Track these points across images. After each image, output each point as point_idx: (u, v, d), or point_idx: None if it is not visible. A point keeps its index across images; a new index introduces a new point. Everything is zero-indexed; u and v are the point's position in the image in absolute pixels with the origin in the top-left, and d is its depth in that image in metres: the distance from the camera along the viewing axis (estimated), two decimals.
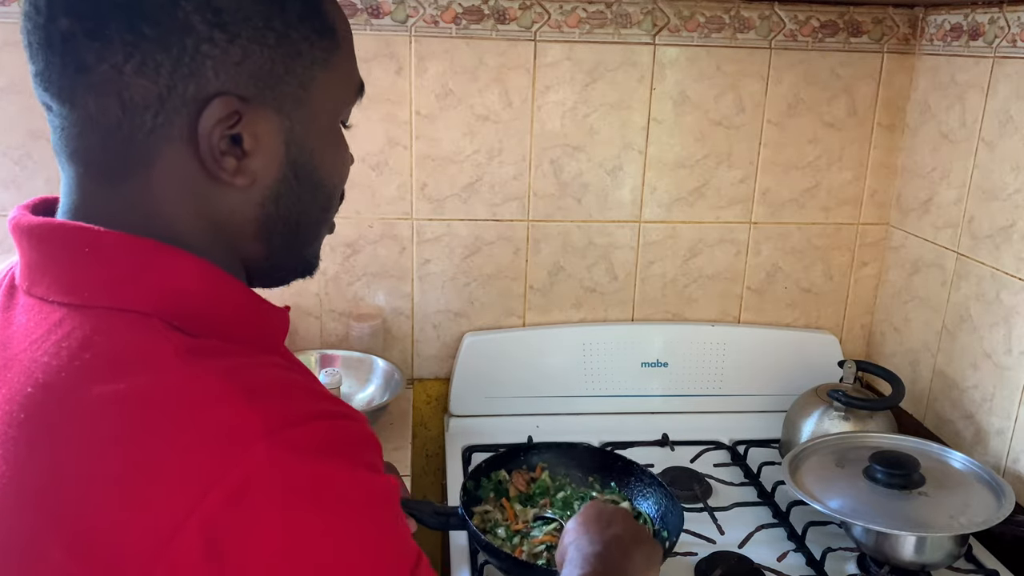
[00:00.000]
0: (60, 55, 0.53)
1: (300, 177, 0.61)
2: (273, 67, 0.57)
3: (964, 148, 1.47)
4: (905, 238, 1.65)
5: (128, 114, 0.54)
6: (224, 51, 0.54)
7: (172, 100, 0.54)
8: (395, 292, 1.64)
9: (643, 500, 1.30)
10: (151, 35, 0.52)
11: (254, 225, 0.61)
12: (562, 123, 1.57)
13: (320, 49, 0.60)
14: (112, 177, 0.57)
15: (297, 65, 0.58)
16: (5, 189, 1.49)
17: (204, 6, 0.53)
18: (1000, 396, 1.39)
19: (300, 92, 0.59)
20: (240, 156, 0.57)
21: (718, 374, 1.68)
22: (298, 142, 0.60)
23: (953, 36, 1.50)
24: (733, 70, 1.58)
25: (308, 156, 0.61)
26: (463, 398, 1.63)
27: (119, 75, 0.53)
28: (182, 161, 0.56)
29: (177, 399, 0.50)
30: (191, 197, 0.58)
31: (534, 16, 1.52)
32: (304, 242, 0.66)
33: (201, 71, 0.54)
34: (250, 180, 0.58)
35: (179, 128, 0.55)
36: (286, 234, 0.63)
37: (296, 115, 0.59)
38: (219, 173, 0.57)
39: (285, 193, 0.61)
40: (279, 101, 0.58)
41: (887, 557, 1.19)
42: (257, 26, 0.55)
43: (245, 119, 0.56)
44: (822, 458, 1.33)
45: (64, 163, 0.58)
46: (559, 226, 1.63)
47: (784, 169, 1.65)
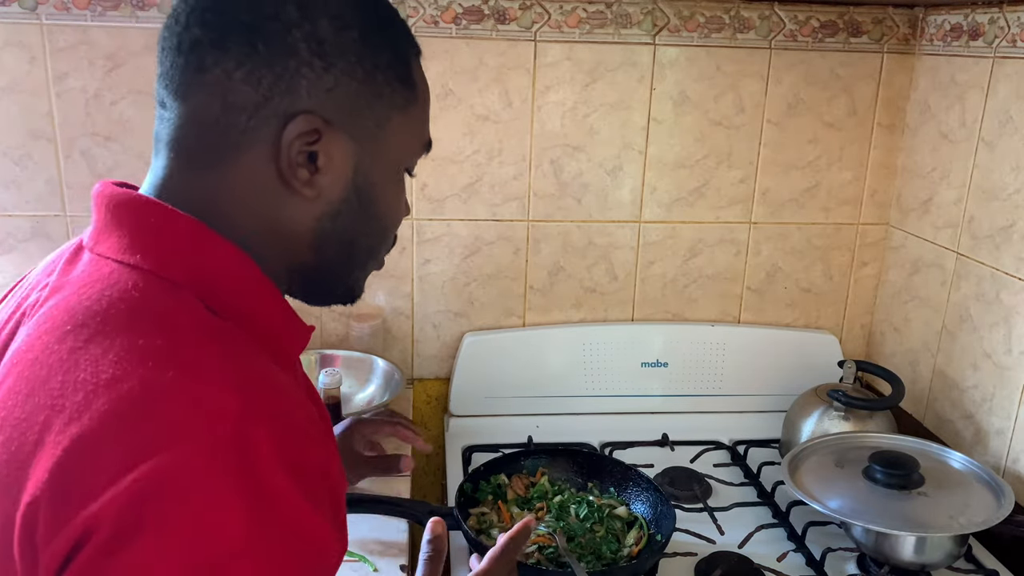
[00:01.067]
0: (186, 57, 0.62)
1: (361, 203, 0.68)
2: (357, 99, 0.65)
3: (964, 148, 1.47)
4: (905, 238, 1.65)
5: (227, 114, 0.62)
6: (319, 76, 0.62)
7: (266, 108, 0.62)
8: (395, 292, 1.64)
9: (638, 503, 1.30)
10: (262, 51, 0.61)
11: (310, 235, 0.67)
12: (562, 123, 1.57)
13: (400, 96, 0.67)
14: (199, 165, 0.64)
15: (378, 103, 0.66)
16: (5, 189, 1.49)
17: (311, 36, 0.62)
18: (1000, 396, 1.39)
19: (375, 128, 0.67)
20: (312, 170, 0.64)
21: (718, 374, 1.68)
22: (364, 171, 0.67)
23: (953, 36, 1.50)
24: (733, 70, 1.58)
25: (371, 187, 0.68)
26: (463, 398, 1.63)
27: (228, 79, 0.61)
28: (262, 163, 0.63)
29: (179, 362, 0.55)
30: (260, 196, 0.64)
31: (534, 16, 1.52)
32: (352, 265, 0.74)
33: (296, 89, 0.62)
34: (316, 193, 0.65)
35: (266, 134, 0.63)
36: (338, 251, 0.70)
37: (368, 147, 0.67)
38: (291, 180, 0.64)
39: (344, 213, 0.68)
40: (356, 130, 0.65)
41: (887, 557, 1.19)
42: (351, 61, 0.63)
43: (324, 139, 0.63)
44: (822, 458, 1.33)
45: (161, 151, 0.66)
46: (559, 226, 1.63)
47: (784, 169, 1.65)
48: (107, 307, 0.58)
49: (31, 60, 1.43)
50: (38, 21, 1.42)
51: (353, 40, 0.64)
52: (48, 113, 1.46)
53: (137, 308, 0.59)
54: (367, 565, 1.18)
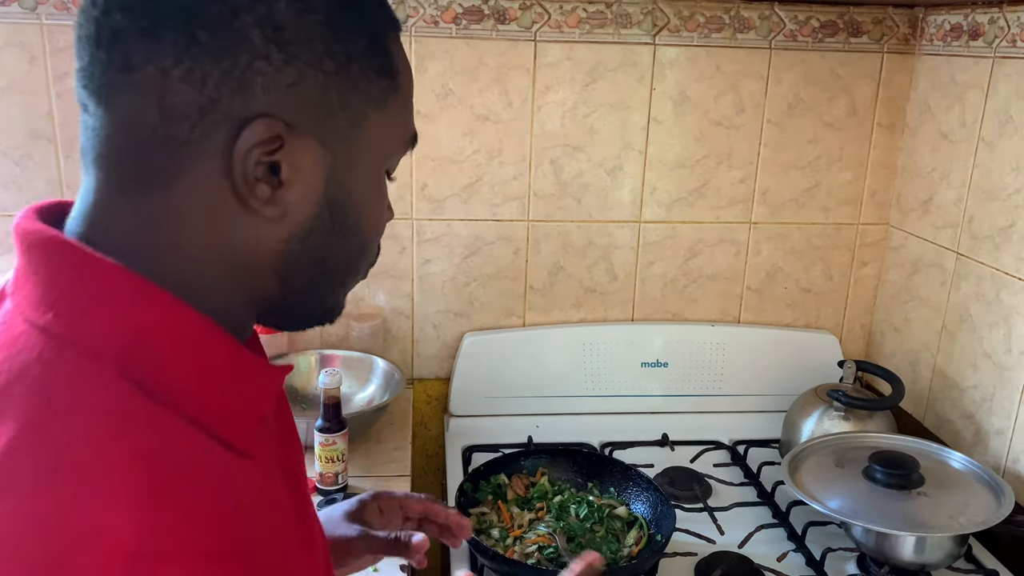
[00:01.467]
0: (107, 51, 0.51)
1: (335, 218, 0.57)
2: (326, 96, 0.53)
3: (964, 148, 1.47)
4: (905, 238, 1.65)
5: (165, 121, 0.50)
6: (278, 70, 0.51)
7: (214, 113, 0.50)
8: (395, 292, 1.64)
9: (638, 503, 1.31)
10: (205, 41, 0.49)
11: (275, 260, 0.56)
12: (562, 123, 1.57)
13: (378, 88, 0.57)
14: (133, 187, 0.52)
15: (352, 99, 0.55)
16: (5, 189, 1.49)
17: (265, 21, 0.50)
18: (1000, 396, 1.39)
19: (349, 129, 0.56)
20: (275, 185, 0.53)
21: (718, 374, 1.68)
22: (339, 181, 0.56)
23: (953, 36, 1.50)
24: (733, 70, 1.58)
25: (346, 198, 0.57)
26: (463, 398, 1.63)
27: (164, 78, 0.50)
28: (211, 180, 0.52)
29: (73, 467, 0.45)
30: (212, 220, 0.53)
31: (534, 16, 1.52)
32: (327, 288, 0.62)
33: (249, 87, 0.51)
34: (281, 212, 0.54)
35: (215, 144, 0.51)
36: (308, 276, 0.59)
37: (341, 152, 0.56)
38: (249, 199, 0.53)
39: (316, 232, 0.56)
40: (326, 133, 0.54)
41: (887, 557, 1.19)
42: (317, 51, 0.52)
43: (287, 146, 0.52)
44: (822, 458, 1.33)
45: (88, 166, 0.54)
46: (559, 226, 1.63)
47: (784, 169, 1.65)
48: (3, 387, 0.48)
49: (31, 60, 1.43)
50: (38, 21, 1.42)
51: (318, 24, 0.52)
52: (48, 113, 1.46)
53: (37, 391, 0.48)
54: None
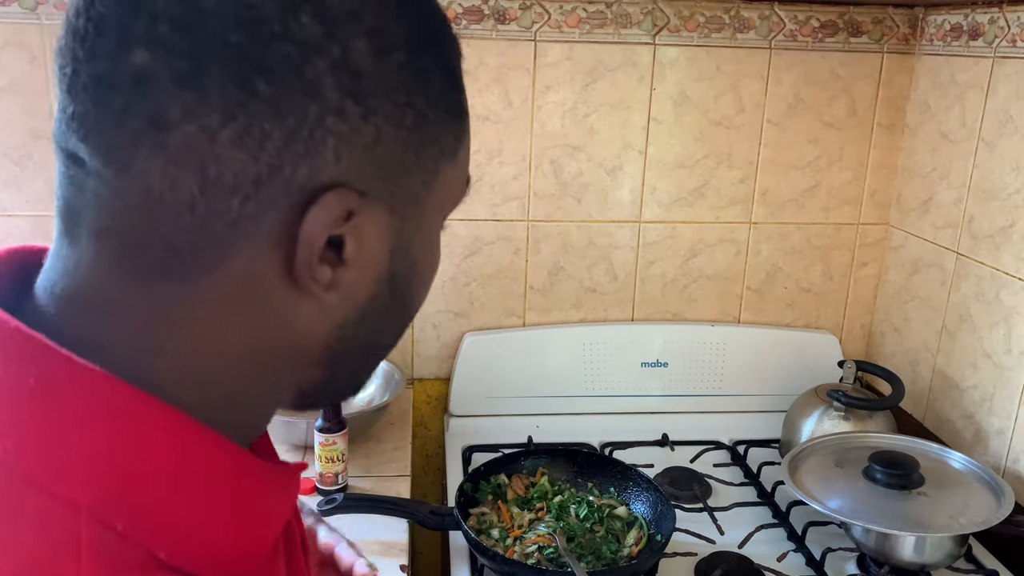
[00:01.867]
0: (126, 99, 0.37)
1: (394, 293, 0.47)
2: (404, 156, 0.43)
3: (964, 148, 1.47)
4: (905, 238, 1.65)
5: (207, 195, 0.38)
6: (354, 129, 0.40)
7: (273, 184, 0.39)
8: None
9: (638, 503, 1.31)
10: (265, 95, 0.38)
11: (323, 350, 0.46)
12: (562, 123, 1.57)
13: (452, 137, 0.46)
14: (151, 275, 0.40)
15: (427, 154, 0.44)
16: (5, 189, 1.49)
17: (340, 65, 0.39)
18: (1000, 396, 1.39)
19: (422, 189, 0.45)
20: (335, 264, 0.42)
21: (718, 374, 1.68)
22: (404, 251, 0.46)
23: (953, 36, 1.50)
24: (733, 70, 1.58)
25: (410, 268, 0.47)
26: (463, 398, 1.63)
27: (210, 142, 0.38)
28: (262, 265, 0.41)
29: None
30: (253, 311, 0.42)
31: (534, 16, 1.52)
32: (370, 368, 0.52)
33: (319, 152, 0.39)
34: (341, 296, 0.44)
35: (272, 223, 0.40)
36: (358, 359, 0.50)
37: (411, 216, 0.45)
38: (309, 285, 0.42)
39: (373, 313, 0.46)
40: (397, 200, 0.44)
41: (887, 557, 1.19)
42: (399, 101, 0.42)
43: (355, 219, 0.42)
44: (822, 458, 1.33)
45: (81, 237, 0.41)
46: (559, 226, 1.63)
47: (784, 169, 1.65)
48: None
49: (31, 60, 1.43)
50: (38, 21, 1.42)
51: (400, 66, 0.41)
52: (48, 113, 1.46)
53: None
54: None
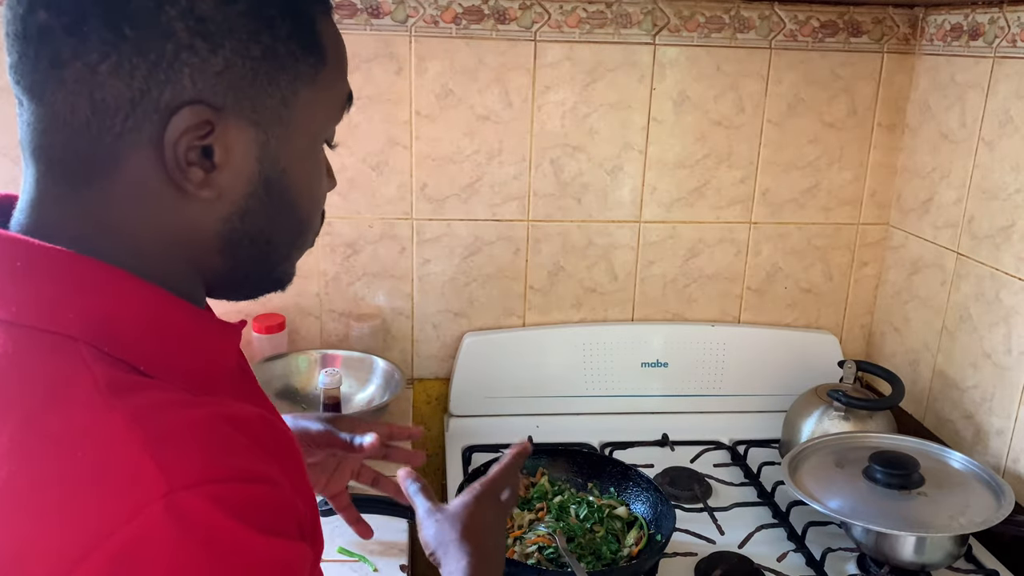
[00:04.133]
0: (35, 48, 0.52)
1: (271, 195, 0.59)
2: (255, 80, 0.55)
3: (964, 148, 1.47)
4: (905, 238, 1.65)
5: (97, 115, 0.52)
6: (204, 60, 0.53)
7: (144, 105, 0.52)
8: (395, 292, 1.64)
9: (638, 503, 1.30)
10: (131, 36, 0.51)
11: (217, 240, 0.59)
12: (562, 123, 1.57)
13: (307, 65, 0.58)
14: (72, 179, 0.55)
15: (281, 79, 0.56)
16: (4, 189, 1.48)
17: (188, 13, 0.52)
18: (1000, 396, 1.39)
19: (281, 108, 0.57)
20: (209, 168, 0.55)
21: (718, 374, 1.68)
22: (272, 159, 0.58)
23: (953, 36, 1.50)
24: (733, 70, 1.58)
25: (280, 175, 0.59)
26: (463, 398, 1.63)
27: (93, 74, 0.51)
28: (147, 169, 0.54)
29: (82, 443, 0.48)
30: (151, 207, 0.56)
31: (534, 16, 1.52)
32: (272, 262, 0.64)
33: (178, 78, 0.52)
34: (216, 194, 0.56)
35: (148, 134, 0.53)
36: (253, 251, 0.61)
37: (274, 131, 0.57)
38: (184, 184, 0.55)
39: (254, 210, 0.59)
40: (257, 115, 0.56)
41: (887, 557, 1.19)
42: (241, 39, 0.54)
43: (218, 130, 0.54)
44: (822, 458, 1.33)
45: (27, 160, 0.56)
46: (559, 226, 1.63)
47: (784, 169, 1.65)
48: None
49: None
50: None
51: (240, 14, 0.53)
52: None
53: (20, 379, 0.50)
54: (367, 565, 1.18)
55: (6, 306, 0.52)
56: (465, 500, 0.91)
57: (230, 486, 0.49)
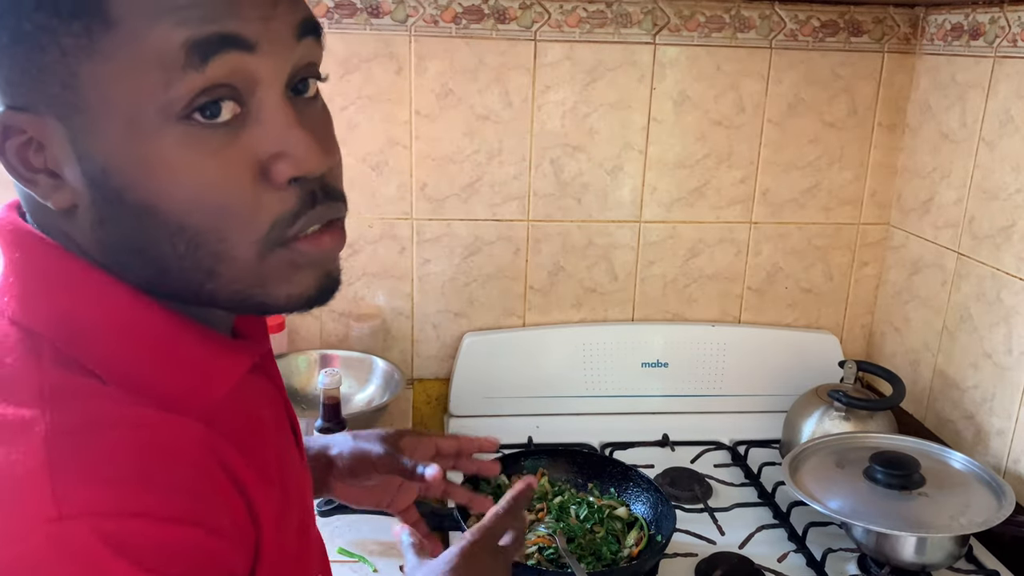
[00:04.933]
0: None
1: (108, 200, 0.50)
2: (27, 68, 0.47)
3: (965, 148, 1.47)
4: (906, 238, 1.65)
5: None
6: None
7: None
8: (395, 292, 1.64)
9: (638, 504, 1.30)
10: None
11: (104, 251, 0.52)
12: (562, 123, 1.57)
13: (72, 36, 0.46)
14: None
15: (47, 61, 0.46)
16: (4, 189, 1.48)
17: None
18: (1001, 396, 1.38)
19: (66, 93, 0.47)
20: (51, 174, 0.50)
21: (718, 374, 1.68)
22: (88, 156, 0.48)
23: (954, 36, 1.50)
24: (733, 70, 1.58)
25: (103, 174, 0.49)
26: (463, 398, 1.63)
27: None
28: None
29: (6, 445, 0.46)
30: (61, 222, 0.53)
31: (534, 16, 1.51)
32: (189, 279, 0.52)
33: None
34: (68, 202, 0.51)
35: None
36: (143, 267, 0.52)
37: (75, 122, 0.48)
38: (36, 193, 0.51)
39: (106, 217, 0.50)
40: (52, 108, 0.48)
41: (888, 558, 1.19)
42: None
43: (34, 132, 0.49)
44: (822, 458, 1.33)
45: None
46: (559, 226, 1.63)
47: (784, 169, 1.65)
48: None
49: None
50: None
51: None
52: None
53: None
54: (367, 565, 1.17)
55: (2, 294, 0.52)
56: (453, 552, 0.79)
57: (129, 523, 0.44)
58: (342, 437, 0.89)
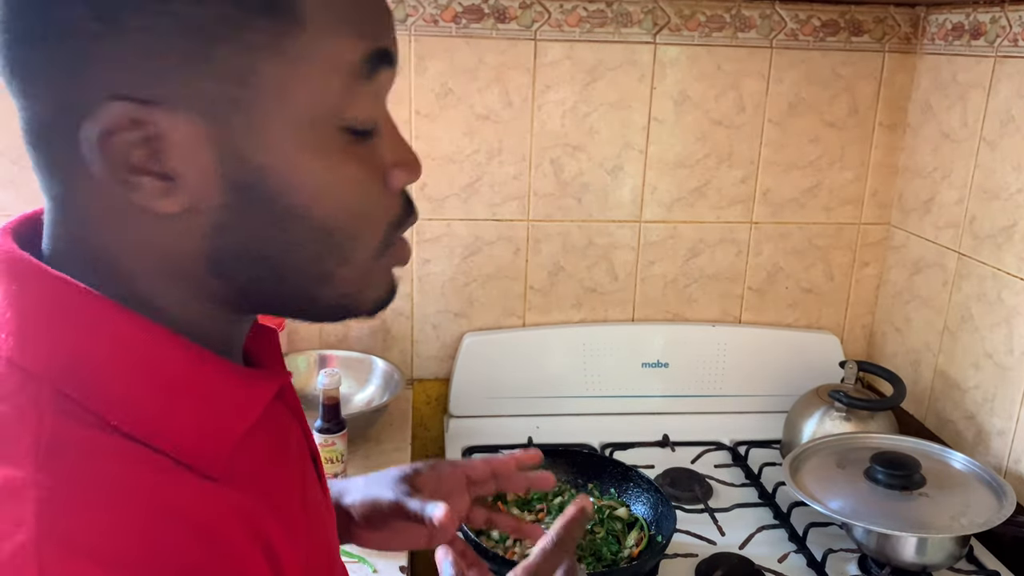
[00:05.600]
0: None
1: (251, 203, 0.47)
2: (184, 62, 0.44)
3: (965, 148, 1.47)
4: (906, 238, 1.65)
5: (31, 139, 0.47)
6: (113, 47, 0.43)
7: (68, 115, 0.44)
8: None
9: (639, 504, 1.30)
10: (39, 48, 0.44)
11: (206, 261, 0.48)
12: (562, 123, 1.57)
13: (261, 32, 0.44)
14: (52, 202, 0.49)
15: (221, 54, 0.44)
16: (3, 189, 1.48)
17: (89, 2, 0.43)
18: (1001, 397, 1.38)
19: (235, 90, 0.45)
20: (164, 176, 0.45)
21: (719, 374, 1.67)
22: (239, 157, 0.46)
23: (954, 35, 1.50)
24: (734, 69, 1.58)
25: (258, 176, 0.46)
26: (463, 399, 1.63)
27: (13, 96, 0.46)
28: (99, 185, 0.46)
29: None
30: (122, 228, 0.47)
31: (534, 15, 1.51)
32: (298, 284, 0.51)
33: (91, 74, 0.44)
34: (180, 206, 0.46)
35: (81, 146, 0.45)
36: (253, 272, 0.50)
37: (231, 122, 0.45)
38: (136, 197, 0.45)
39: (232, 223, 0.47)
40: (202, 104, 0.44)
41: (888, 558, 1.19)
42: (148, 13, 0.43)
43: (154, 129, 0.44)
44: (823, 459, 1.33)
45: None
46: (559, 226, 1.63)
47: (785, 169, 1.64)
48: None
49: None
50: None
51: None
52: None
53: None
54: (367, 566, 1.17)
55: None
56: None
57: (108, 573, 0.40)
58: (356, 483, 0.81)
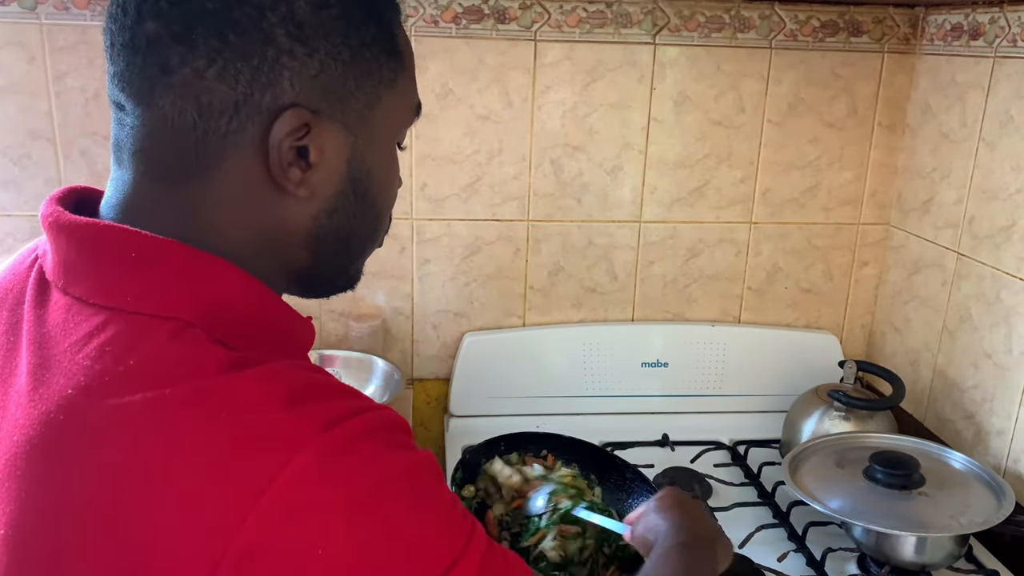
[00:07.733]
0: (144, 56, 0.55)
1: (357, 194, 0.63)
2: (346, 83, 0.59)
3: (965, 148, 1.47)
4: (906, 238, 1.65)
5: (203, 118, 0.56)
6: (302, 64, 0.57)
7: (247, 107, 0.56)
8: (395, 292, 1.64)
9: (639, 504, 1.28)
10: (235, 43, 0.55)
11: (306, 236, 0.63)
12: (562, 123, 1.57)
13: (388, 69, 0.62)
14: (174, 179, 0.58)
15: (366, 83, 0.60)
16: (4, 189, 1.49)
17: (288, 19, 0.55)
18: (1001, 396, 1.38)
19: (366, 111, 0.61)
20: (304, 168, 0.59)
21: (718, 374, 1.68)
22: (359, 159, 0.62)
23: (954, 36, 1.50)
24: (733, 70, 1.58)
25: (366, 174, 0.63)
26: (463, 398, 1.63)
27: (200, 79, 0.55)
28: (248, 168, 0.58)
29: (221, 404, 0.51)
30: (250, 203, 0.59)
31: (534, 16, 1.51)
32: (351, 257, 0.69)
33: (278, 81, 0.56)
34: (310, 192, 0.60)
35: (251, 135, 0.57)
36: (335, 247, 0.65)
37: (361, 132, 0.61)
38: (284, 183, 0.59)
39: (341, 208, 0.63)
40: (347, 117, 0.60)
41: (887, 557, 1.19)
42: (335, 42, 0.58)
43: (313, 132, 0.58)
44: (822, 458, 1.33)
45: (125, 161, 0.59)
46: (559, 226, 1.63)
47: (784, 169, 1.65)
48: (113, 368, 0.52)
49: (30, 60, 1.43)
50: (37, 21, 1.41)
51: (334, 18, 0.57)
52: (47, 113, 1.46)
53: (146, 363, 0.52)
54: None
55: (122, 295, 0.55)
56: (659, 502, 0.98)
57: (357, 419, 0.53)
58: None
